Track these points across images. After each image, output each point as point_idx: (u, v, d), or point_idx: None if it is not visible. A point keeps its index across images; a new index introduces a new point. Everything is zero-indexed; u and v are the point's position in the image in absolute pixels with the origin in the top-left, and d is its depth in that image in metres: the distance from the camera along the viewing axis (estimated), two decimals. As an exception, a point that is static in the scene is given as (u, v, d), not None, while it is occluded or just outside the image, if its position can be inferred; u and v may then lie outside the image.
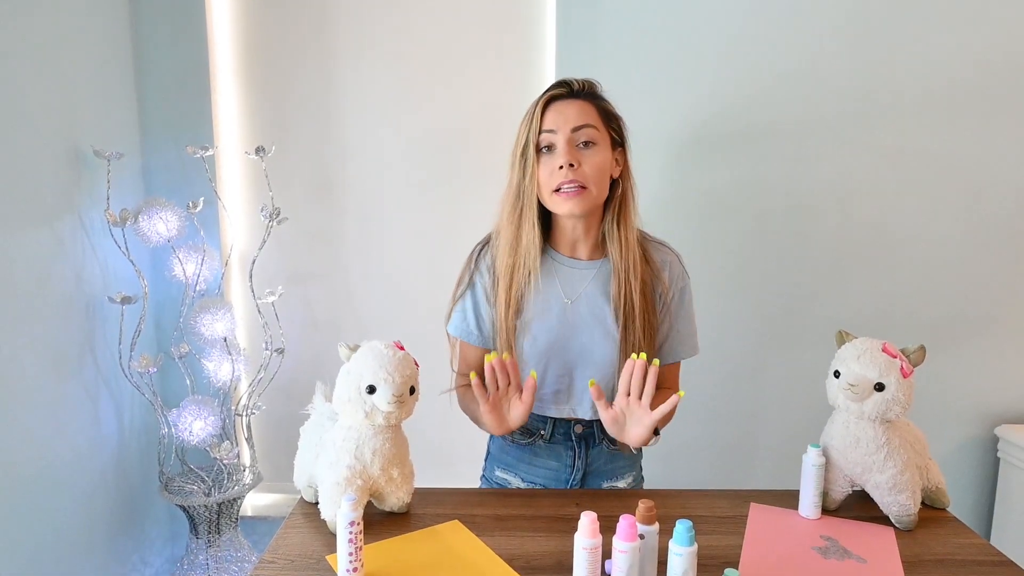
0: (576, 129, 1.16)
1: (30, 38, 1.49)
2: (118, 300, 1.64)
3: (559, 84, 1.21)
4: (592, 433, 1.32)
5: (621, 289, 1.22)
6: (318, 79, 1.88)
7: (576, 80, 1.21)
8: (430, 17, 1.85)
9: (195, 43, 1.83)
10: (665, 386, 1.32)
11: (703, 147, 1.83)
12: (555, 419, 1.30)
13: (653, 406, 1.13)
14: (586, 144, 1.17)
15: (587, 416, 1.28)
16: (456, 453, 1.96)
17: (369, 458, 1.07)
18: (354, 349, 1.08)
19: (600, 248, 1.27)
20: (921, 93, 1.80)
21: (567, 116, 1.17)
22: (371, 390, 1.04)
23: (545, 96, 1.20)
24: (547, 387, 1.27)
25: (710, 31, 1.79)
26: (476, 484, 1.46)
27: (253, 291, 1.83)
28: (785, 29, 1.78)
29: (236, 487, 1.78)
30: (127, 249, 1.67)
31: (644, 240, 1.30)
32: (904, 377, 1.09)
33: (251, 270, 1.83)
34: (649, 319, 1.24)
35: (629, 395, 1.14)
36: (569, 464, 1.33)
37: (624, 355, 1.23)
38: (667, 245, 1.32)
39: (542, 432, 1.32)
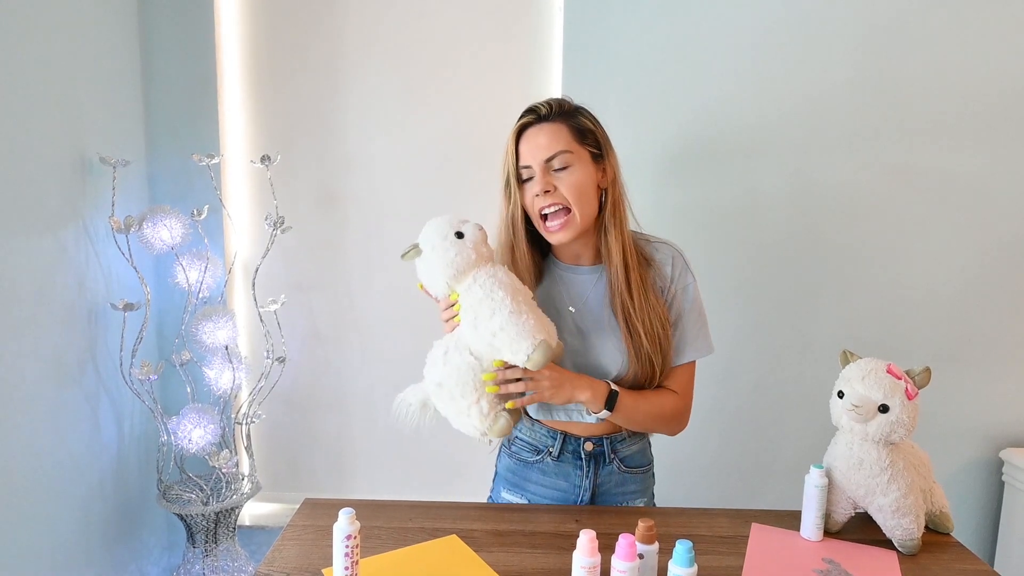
0: (549, 160, 1.20)
1: (38, 45, 1.49)
2: (120, 307, 1.64)
3: (527, 111, 1.24)
4: (603, 452, 1.29)
5: (617, 297, 1.23)
6: (324, 89, 1.89)
7: (543, 104, 1.23)
8: (438, 27, 1.86)
9: (203, 51, 1.85)
10: (676, 387, 1.28)
11: (710, 159, 1.83)
12: (564, 435, 1.29)
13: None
14: (562, 168, 1.20)
15: (593, 420, 1.25)
16: (467, 468, 1.97)
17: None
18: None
19: (600, 254, 1.28)
20: (930, 108, 1.79)
21: (538, 145, 1.20)
22: (459, 235, 1.14)
23: (516, 127, 1.23)
24: None
25: (718, 44, 1.79)
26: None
27: (256, 299, 1.84)
28: (794, 42, 1.78)
29: (234, 496, 1.77)
30: (131, 256, 1.68)
31: (643, 241, 1.30)
32: (909, 399, 1.08)
33: (254, 278, 1.84)
34: (653, 322, 1.22)
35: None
36: (577, 484, 1.30)
37: (633, 359, 1.23)
38: (670, 243, 1.31)
39: (551, 449, 1.30)
